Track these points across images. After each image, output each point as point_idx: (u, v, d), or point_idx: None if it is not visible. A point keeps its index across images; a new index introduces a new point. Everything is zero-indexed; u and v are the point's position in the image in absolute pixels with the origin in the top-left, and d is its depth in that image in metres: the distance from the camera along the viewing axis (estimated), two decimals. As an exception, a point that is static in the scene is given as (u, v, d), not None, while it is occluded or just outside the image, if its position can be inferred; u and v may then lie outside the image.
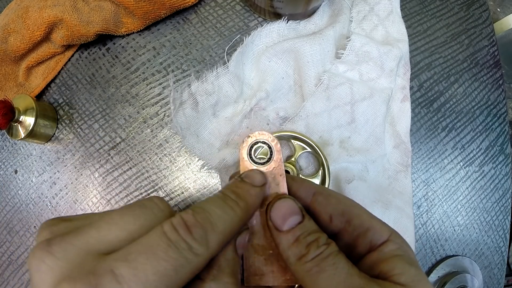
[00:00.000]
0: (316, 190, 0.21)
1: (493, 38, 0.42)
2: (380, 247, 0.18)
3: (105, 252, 0.15)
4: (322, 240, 0.18)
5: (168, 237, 0.15)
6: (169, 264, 0.15)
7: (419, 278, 0.17)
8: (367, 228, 0.19)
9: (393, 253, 0.18)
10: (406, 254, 0.18)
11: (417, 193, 0.38)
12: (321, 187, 0.22)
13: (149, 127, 0.37)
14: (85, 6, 0.34)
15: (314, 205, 0.21)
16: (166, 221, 0.16)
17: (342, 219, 0.20)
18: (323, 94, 0.34)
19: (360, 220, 0.19)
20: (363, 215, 0.20)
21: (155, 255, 0.15)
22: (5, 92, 0.38)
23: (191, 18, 0.38)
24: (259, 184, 0.21)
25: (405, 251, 0.18)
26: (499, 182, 0.40)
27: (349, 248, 0.19)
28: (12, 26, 0.34)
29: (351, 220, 0.19)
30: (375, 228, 0.19)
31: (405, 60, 0.38)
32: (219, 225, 0.17)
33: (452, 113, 0.40)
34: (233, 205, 0.18)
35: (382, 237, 0.19)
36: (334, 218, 0.20)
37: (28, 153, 0.39)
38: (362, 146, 0.35)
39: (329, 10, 0.38)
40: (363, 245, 0.19)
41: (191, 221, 0.16)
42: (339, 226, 0.20)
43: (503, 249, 0.40)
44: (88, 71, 0.38)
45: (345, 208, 0.20)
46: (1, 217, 0.39)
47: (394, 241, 0.18)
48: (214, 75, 0.36)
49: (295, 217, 0.19)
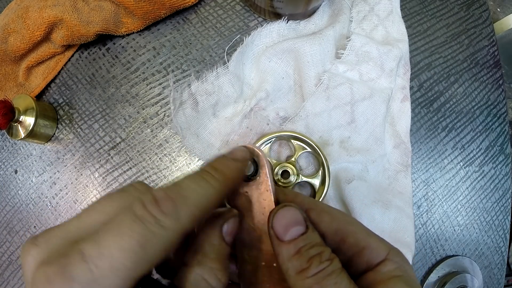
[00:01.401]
0: (308, 207, 0.20)
1: (493, 38, 0.42)
2: (377, 267, 0.17)
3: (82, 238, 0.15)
4: (325, 255, 0.17)
5: (135, 213, 0.15)
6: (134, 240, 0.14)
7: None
8: (363, 246, 0.18)
9: (391, 273, 0.17)
10: (405, 274, 0.17)
11: (417, 193, 0.38)
12: (314, 202, 0.20)
13: (149, 127, 0.37)
14: (85, 6, 0.34)
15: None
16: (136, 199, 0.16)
17: (336, 237, 0.19)
18: (323, 94, 0.34)
19: (355, 239, 0.18)
20: (358, 233, 0.18)
21: (119, 232, 0.14)
22: (5, 92, 0.38)
23: (191, 18, 0.38)
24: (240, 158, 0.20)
25: (404, 271, 0.17)
26: (499, 182, 0.40)
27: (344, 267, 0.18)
28: (12, 26, 0.34)
29: (346, 239, 0.18)
30: (371, 247, 0.18)
31: (405, 60, 0.38)
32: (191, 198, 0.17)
33: (452, 113, 0.40)
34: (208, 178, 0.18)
35: (379, 256, 0.18)
36: (327, 236, 0.19)
37: (28, 153, 0.39)
38: (362, 146, 0.35)
39: (329, 10, 0.38)
40: (359, 264, 0.18)
41: (160, 195, 0.16)
42: (333, 244, 0.19)
43: (503, 249, 0.40)
44: (88, 71, 0.38)
45: (339, 225, 0.19)
46: (1, 217, 0.39)
47: (393, 260, 0.18)
48: (214, 75, 0.36)
49: (298, 228, 0.18)
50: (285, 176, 0.34)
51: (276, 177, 0.33)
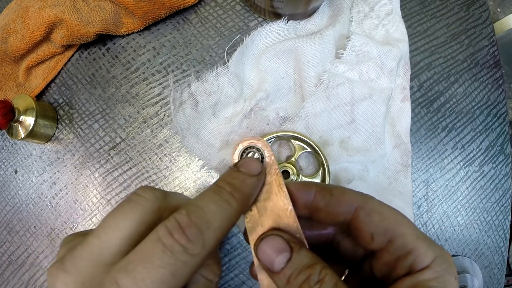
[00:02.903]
0: (358, 205, 0.19)
1: (493, 38, 0.42)
2: (417, 273, 0.17)
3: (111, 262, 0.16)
4: (313, 279, 0.17)
5: (163, 243, 0.15)
6: (165, 270, 0.15)
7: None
8: (410, 250, 0.17)
9: (428, 283, 0.16)
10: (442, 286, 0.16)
11: (417, 193, 0.38)
12: (364, 199, 0.19)
13: (149, 127, 0.37)
14: (85, 6, 0.34)
15: (356, 222, 0.19)
16: (161, 225, 0.16)
17: (384, 237, 0.18)
18: (323, 94, 0.34)
19: (403, 241, 0.18)
20: (407, 235, 0.18)
21: (151, 263, 0.15)
22: (5, 92, 0.38)
23: (191, 18, 0.38)
24: (256, 172, 0.19)
25: (442, 282, 0.16)
26: (499, 182, 0.40)
27: (389, 267, 0.18)
28: (12, 26, 0.34)
29: (394, 240, 0.18)
30: (418, 251, 0.17)
31: (405, 60, 0.38)
32: (215, 222, 0.17)
33: (452, 113, 0.40)
34: (228, 198, 0.18)
35: (424, 262, 0.17)
36: (376, 236, 0.18)
37: (28, 153, 0.39)
38: (362, 146, 0.35)
39: (329, 10, 0.38)
40: (403, 267, 0.17)
41: (185, 222, 0.16)
42: (381, 244, 0.18)
43: (503, 249, 0.40)
44: (88, 71, 0.38)
45: (388, 226, 0.18)
46: (1, 217, 0.39)
47: (435, 268, 0.17)
48: (214, 75, 0.36)
49: (283, 255, 0.18)
50: (285, 176, 0.34)
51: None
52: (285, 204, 0.20)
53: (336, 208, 0.19)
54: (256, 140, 0.22)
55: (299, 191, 0.20)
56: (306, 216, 0.20)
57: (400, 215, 0.19)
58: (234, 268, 0.36)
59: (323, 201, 0.20)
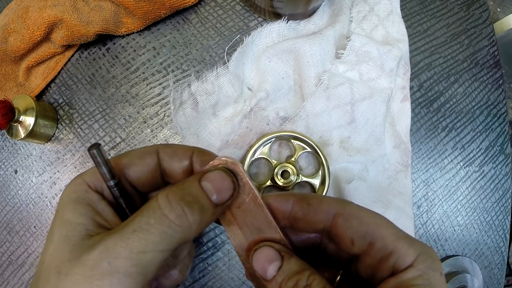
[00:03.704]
0: (336, 211, 0.19)
1: (493, 38, 0.42)
2: (401, 273, 0.17)
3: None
4: (301, 284, 0.17)
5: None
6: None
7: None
8: (391, 251, 0.17)
9: (411, 282, 0.17)
10: (425, 283, 0.17)
11: (417, 193, 0.38)
12: (343, 206, 0.19)
13: (149, 127, 0.37)
14: (85, 6, 0.34)
15: (335, 228, 0.19)
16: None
17: (364, 241, 0.18)
18: (323, 94, 0.34)
19: (383, 243, 0.18)
20: (387, 236, 0.18)
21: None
22: (5, 92, 0.38)
23: (191, 18, 0.38)
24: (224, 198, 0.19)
25: (426, 279, 0.17)
26: (499, 182, 0.40)
27: (372, 270, 0.18)
28: (12, 26, 0.34)
29: (374, 243, 0.18)
30: (399, 252, 0.17)
31: (405, 60, 0.38)
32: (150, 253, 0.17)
33: (452, 113, 0.40)
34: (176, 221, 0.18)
35: (406, 261, 0.17)
36: (356, 241, 0.18)
37: (28, 153, 0.39)
38: (362, 146, 0.35)
39: (329, 10, 0.38)
40: (386, 268, 0.18)
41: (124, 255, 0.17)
42: (362, 248, 0.18)
43: (503, 249, 0.40)
44: (88, 71, 0.38)
45: (367, 229, 0.18)
46: (1, 217, 0.39)
47: (418, 267, 0.17)
48: (214, 75, 0.36)
49: (274, 264, 0.19)
50: (285, 176, 0.34)
51: (276, 177, 0.33)
52: (266, 218, 0.20)
53: (314, 217, 0.20)
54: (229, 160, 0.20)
55: (277, 203, 0.20)
56: (286, 226, 0.21)
57: (379, 218, 0.19)
58: (234, 268, 0.36)
59: (301, 211, 0.20)
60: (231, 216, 0.20)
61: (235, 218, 0.20)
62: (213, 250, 0.36)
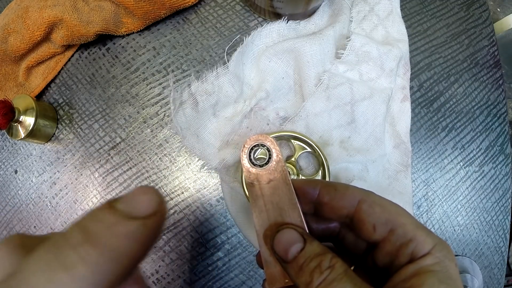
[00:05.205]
0: (361, 198, 0.20)
1: (493, 38, 0.42)
2: (419, 260, 0.18)
3: None
4: (324, 264, 0.18)
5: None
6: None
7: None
8: (410, 238, 0.18)
9: (428, 268, 0.17)
10: (443, 269, 0.17)
11: (417, 193, 0.38)
12: (367, 194, 0.20)
13: (149, 127, 0.37)
14: (85, 6, 0.34)
15: (359, 214, 0.20)
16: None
17: (385, 228, 0.19)
18: (323, 94, 0.34)
19: (403, 230, 0.19)
20: (407, 224, 0.19)
21: None
22: (5, 92, 0.38)
23: (191, 18, 0.38)
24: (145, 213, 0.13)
25: (443, 267, 0.17)
26: (499, 182, 0.40)
27: (391, 257, 0.19)
28: (12, 26, 0.34)
29: (395, 230, 0.19)
30: (418, 239, 0.18)
31: (405, 60, 0.38)
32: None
33: (452, 113, 0.40)
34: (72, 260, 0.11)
35: (424, 249, 0.18)
36: (378, 227, 0.19)
37: (28, 153, 0.39)
38: (362, 146, 0.35)
39: (329, 10, 0.38)
40: (404, 256, 0.18)
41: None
42: (383, 234, 0.19)
43: (503, 249, 0.40)
44: (88, 71, 0.38)
45: (389, 216, 0.19)
46: (1, 217, 0.39)
47: (435, 254, 0.18)
48: (214, 75, 0.36)
49: (296, 245, 0.19)
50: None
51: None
52: (291, 200, 0.21)
53: (340, 202, 0.20)
54: (263, 138, 0.22)
55: (305, 187, 0.21)
56: (310, 212, 0.21)
57: (399, 208, 0.20)
58: (234, 268, 0.36)
59: (328, 196, 0.21)
60: (260, 191, 0.21)
61: (262, 193, 0.21)
62: (213, 250, 0.36)
